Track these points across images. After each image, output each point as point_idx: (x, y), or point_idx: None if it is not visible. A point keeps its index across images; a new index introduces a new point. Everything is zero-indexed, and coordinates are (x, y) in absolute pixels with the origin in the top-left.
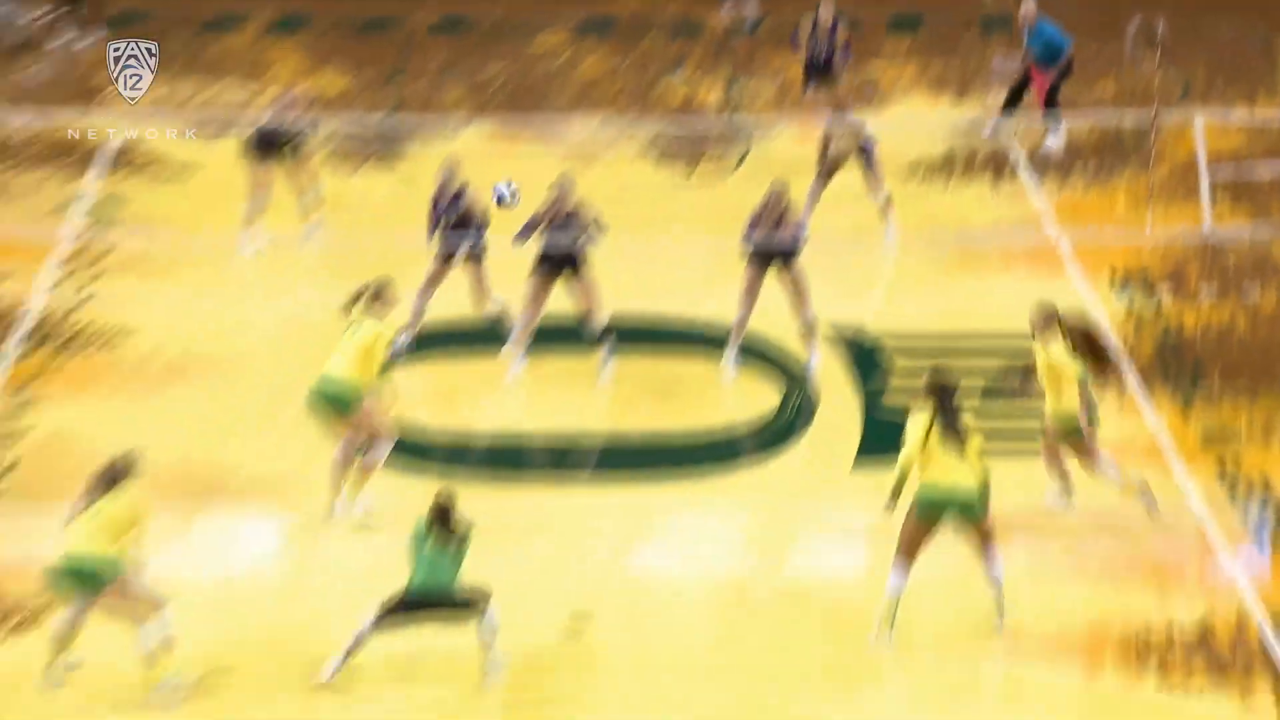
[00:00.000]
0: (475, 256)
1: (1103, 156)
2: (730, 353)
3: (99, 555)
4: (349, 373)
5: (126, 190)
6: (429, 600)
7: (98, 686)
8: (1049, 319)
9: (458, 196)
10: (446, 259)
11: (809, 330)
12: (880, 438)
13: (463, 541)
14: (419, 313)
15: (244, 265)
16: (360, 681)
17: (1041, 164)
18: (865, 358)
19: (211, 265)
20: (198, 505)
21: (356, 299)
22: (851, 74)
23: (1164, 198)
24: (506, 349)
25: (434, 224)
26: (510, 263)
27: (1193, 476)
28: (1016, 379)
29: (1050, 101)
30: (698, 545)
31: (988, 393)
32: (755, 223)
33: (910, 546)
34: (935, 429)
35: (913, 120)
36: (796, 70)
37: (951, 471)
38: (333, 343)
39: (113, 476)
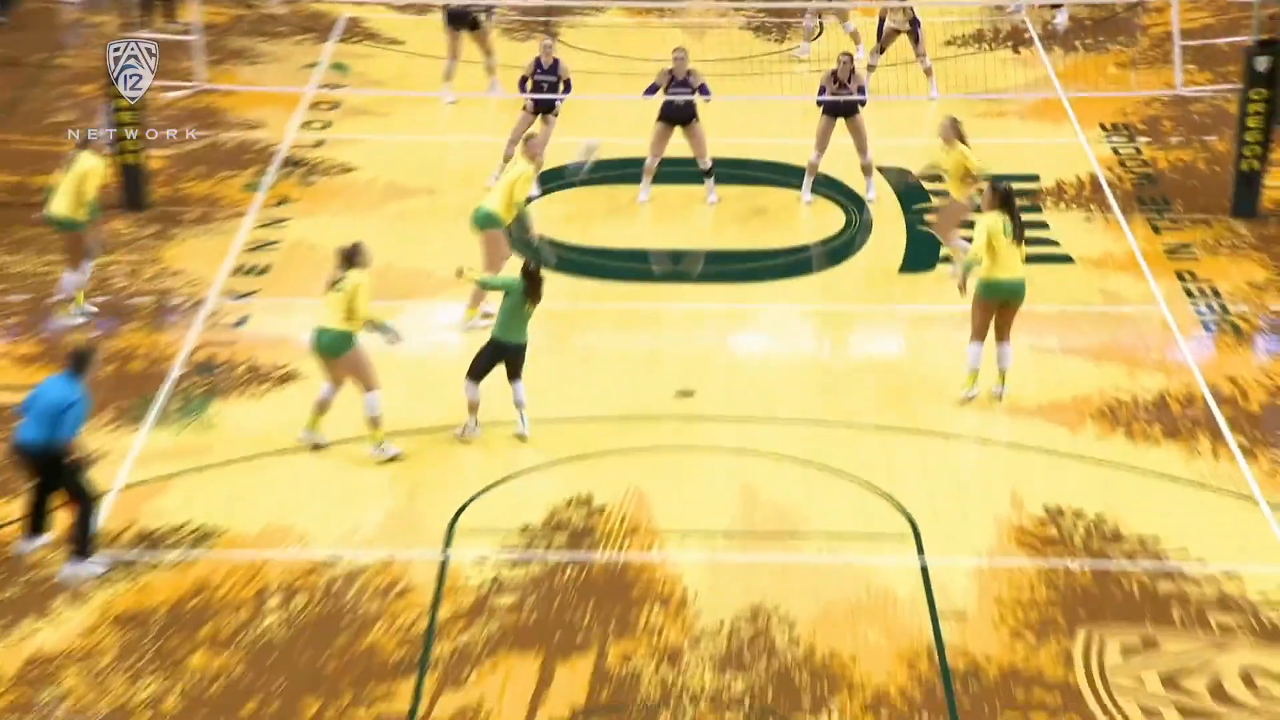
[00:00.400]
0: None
1: (1098, 31)
2: (807, 185)
3: (336, 329)
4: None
5: (353, 55)
6: (502, 351)
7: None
8: (953, 128)
9: (552, 69)
10: (535, 112)
11: (867, 169)
12: (919, 251)
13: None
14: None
15: (443, 111)
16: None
17: (1050, 37)
18: (910, 192)
19: (417, 112)
20: (400, 295)
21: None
22: None
23: (1145, 64)
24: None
25: (521, 85)
26: (641, 114)
27: (1159, 281)
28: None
29: None
30: (783, 331)
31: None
32: (827, 84)
33: (982, 326)
34: (1003, 230)
35: (950, 2)
36: None
37: (1012, 266)
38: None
39: (348, 257)
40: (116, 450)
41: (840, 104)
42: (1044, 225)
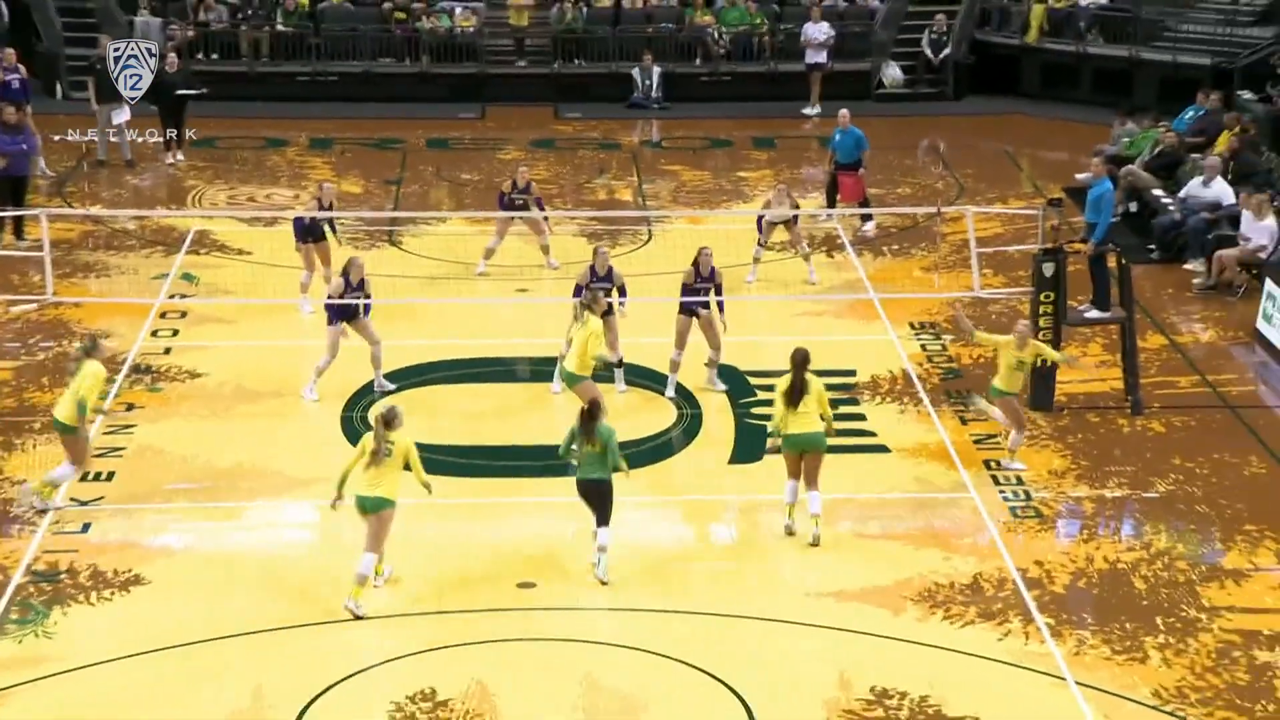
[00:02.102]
0: None
1: (903, 238)
2: (671, 382)
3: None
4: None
5: (202, 266)
6: (586, 492)
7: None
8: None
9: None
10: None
11: (712, 363)
12: (748, 444)
13: (606, 442)
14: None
15: (302, 322)
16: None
17: (861, 243)
18: (738, 386)
19: (266, 319)
20: (248, 495)
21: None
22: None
23: (946, 268)
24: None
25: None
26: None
27: (968, 469)
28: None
29: (863, 201)
30: (619, 521)
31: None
32: (688, 280)
33: (792, 470)
34: (787, 394)
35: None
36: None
37: (802, 423)
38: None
39: (387, 422)
40: None
41: (696, 304)
42: (861, 417)
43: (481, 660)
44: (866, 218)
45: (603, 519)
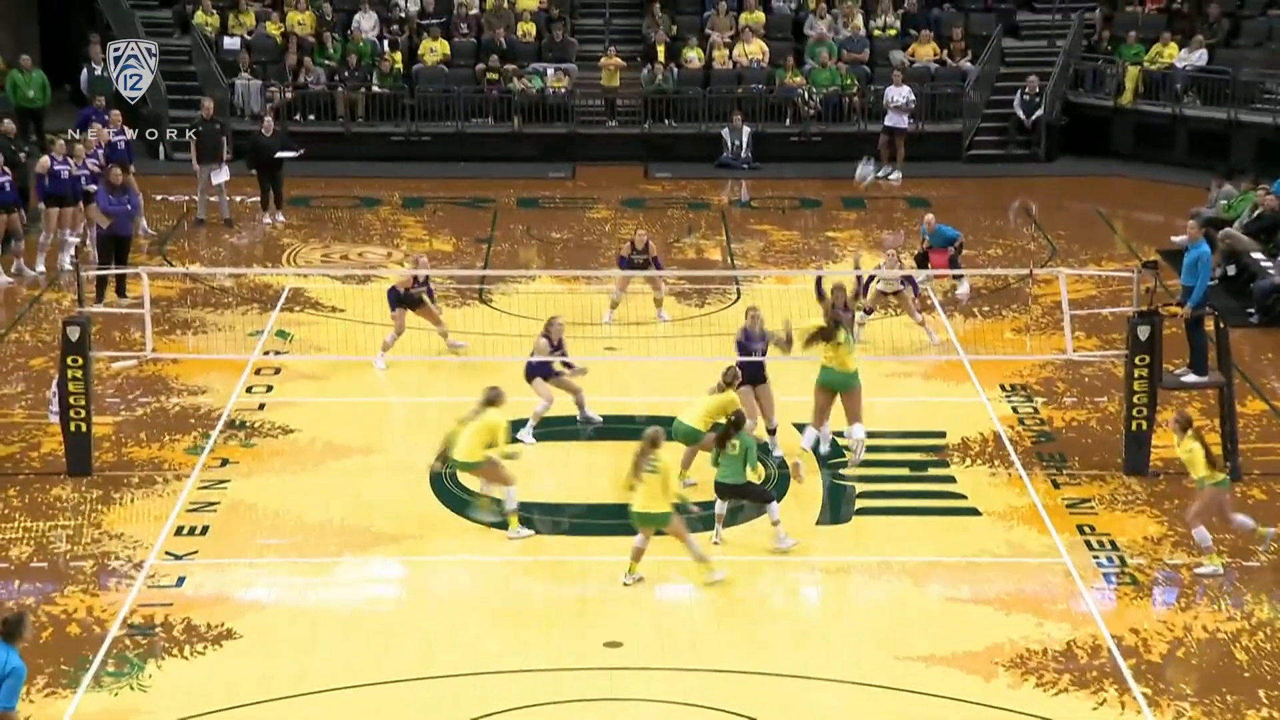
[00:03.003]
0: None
1: (994, 300)
2: (773, 444)
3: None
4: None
5: (296, 323)
6: (725, 493)
7: None
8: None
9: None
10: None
11: (771, 431)
12: (835, 505)
13: (744, 448)
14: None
15: (378, 377)
16: None
17: (952, 304)
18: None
19: (357, 376)
20: (335, 551)
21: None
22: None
23: (1038, 330)
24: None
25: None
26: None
27: (1060, 534)
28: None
29: (954, 264)
30: (703, 579)
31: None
32: (739, 344)
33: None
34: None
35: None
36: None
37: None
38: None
39: (654, 443)
40: (48, 716)
41: (749, 371)
42: (951, 479)
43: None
44: (959, 278)
45: (761, 498)
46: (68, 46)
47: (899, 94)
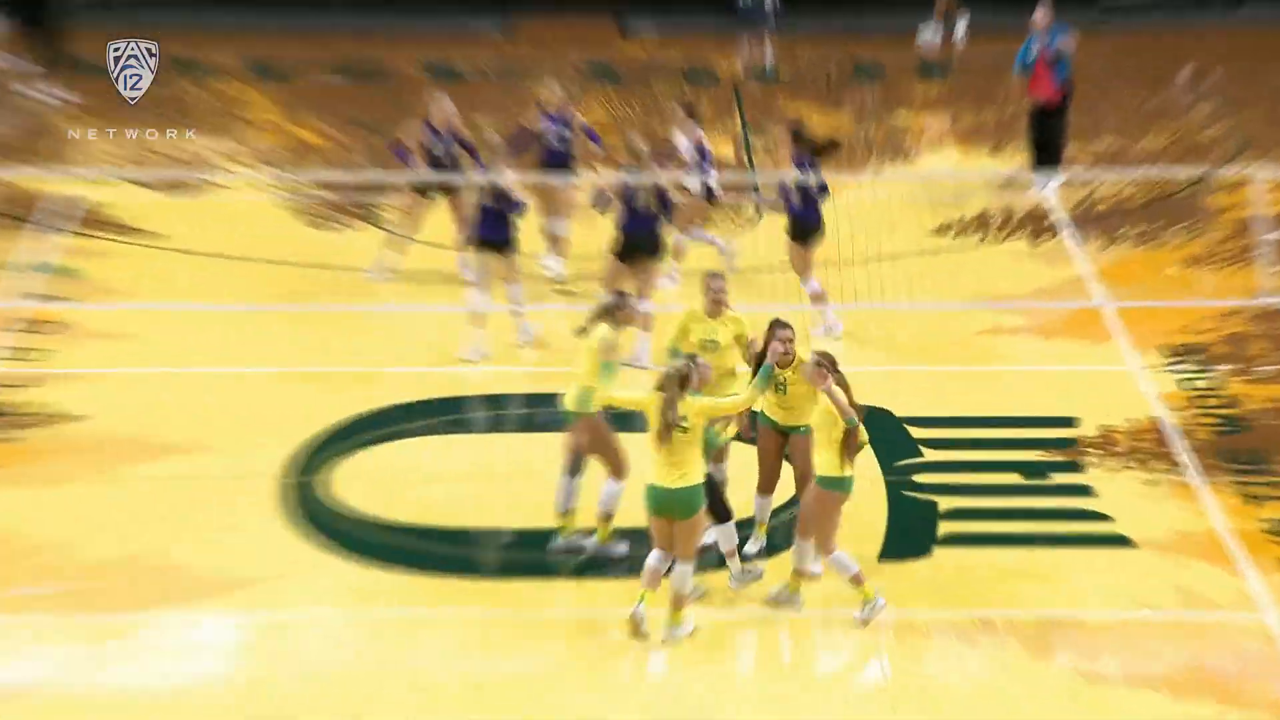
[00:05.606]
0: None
1: (1152, 215)
2: None
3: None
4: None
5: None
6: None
7: None
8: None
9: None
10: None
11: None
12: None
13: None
14: None
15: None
16: None
17: (1087, 222)
18: (896, 441)
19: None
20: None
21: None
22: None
23: (1219, 262)
24: None
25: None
26: None
27: (1261, 575)
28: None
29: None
30: None
31: None
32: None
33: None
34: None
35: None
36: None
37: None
38: None
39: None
40: None
41: None
42: (1087, 491)
43: None
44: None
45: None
46: None
47: None
